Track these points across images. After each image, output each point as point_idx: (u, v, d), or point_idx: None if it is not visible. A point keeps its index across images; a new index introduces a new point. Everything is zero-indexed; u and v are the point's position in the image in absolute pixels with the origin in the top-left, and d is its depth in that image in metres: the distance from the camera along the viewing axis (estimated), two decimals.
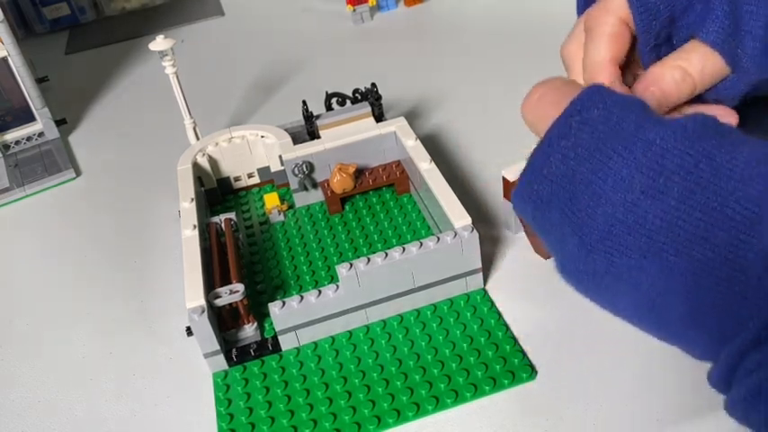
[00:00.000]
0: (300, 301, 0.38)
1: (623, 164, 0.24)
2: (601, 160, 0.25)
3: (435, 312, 0.40)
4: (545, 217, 0.27)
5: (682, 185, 0.24)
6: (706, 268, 0.23)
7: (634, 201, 0.24)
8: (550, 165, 0.26)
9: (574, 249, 0.25)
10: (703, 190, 0.24)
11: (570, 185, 0.26)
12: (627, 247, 0.24)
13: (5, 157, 0.64)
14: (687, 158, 0.24)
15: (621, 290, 0.25)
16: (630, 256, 0.24)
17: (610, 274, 0.25)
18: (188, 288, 0.38)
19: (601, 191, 0.25)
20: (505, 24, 0.75)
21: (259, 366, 0.39)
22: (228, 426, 0.36)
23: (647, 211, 0.24)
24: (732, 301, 0.23)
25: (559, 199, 0.26)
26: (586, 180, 0.25)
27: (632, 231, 0.24)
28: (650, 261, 0.24)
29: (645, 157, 0.24)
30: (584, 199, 0.25)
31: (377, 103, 0.52)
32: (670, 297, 0.24)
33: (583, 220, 0.25)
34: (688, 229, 0.23)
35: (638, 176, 0.24)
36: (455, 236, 0.39)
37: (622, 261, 0.24)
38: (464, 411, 0.35)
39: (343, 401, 0.36)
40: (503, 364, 0.36)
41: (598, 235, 0.24)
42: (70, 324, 0.45)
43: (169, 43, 0.51)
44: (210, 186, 0.52)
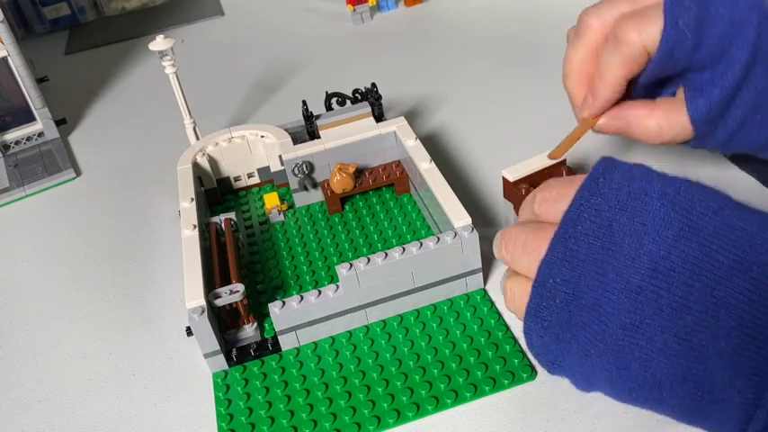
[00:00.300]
0: (300, 302, 0.38)
1: (659, 204, 0.24)
2: (636, 206, 0.25)
3: (435, 312, 0.40)
4: (583, 276, 0.25)
5: (713, 223, 0.24)
6: (747, 300, 0.23)
7: (674, 237, 0.24)
8: (584, 221, 0.26)
9: (619, 296, 0.24)
10: (731, 229, 0.23)
11: (608, 235, 0.25)
12: (673, 284, 0.24)
13: (5, 157, 0.64)
14: (712, 202, 0.24)
15: (662, 342, 0.24)
16: (675, 294, 0.24)
17: (654, 323, 0.24)
18: (188, 288, 0.38)
19: (641, 232, 0.24)
20: (506, 24, 0.75)
21: (259, 366, 0.39)
22: (228, 426, 0.36)
23: (687, 247, 0.24)
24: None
25: (597, 251, 0.25)
26: (624, 226, 0.25)
27: (675, 267, 0.24)
28: (695, 297, 0.23)
29: (677, 198, 0.24)
30: (626, 243, 0.25)
31: (377, 103, 0.52)
32: (714, 336, 0.23)
33: (628, 263, 0.24)
34: (725, 262, 0.23)
35: (675, 215, 0.24)
36: (455, 236, 0.39)
37: (668, 300, 0.24)
38: (464, 411, 0.35)
39: (343, 401, 0.36)
40: (503, 365, 0.36)
41: (645, 273, 0.24)
42: (70, 324, 0.45)
43: (169, 43, 0.51)
44: (210, 186, 0.52)
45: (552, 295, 0.26)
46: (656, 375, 0.24)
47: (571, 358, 0.27)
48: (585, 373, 0.27)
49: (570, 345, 0.26)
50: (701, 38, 0.30)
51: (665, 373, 0.24)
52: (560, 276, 0.26)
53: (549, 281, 0.26)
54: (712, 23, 0.30)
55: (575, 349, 0.26)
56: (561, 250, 0.26)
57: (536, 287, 0.27)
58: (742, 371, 0.22)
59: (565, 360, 0.27)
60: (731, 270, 0.23)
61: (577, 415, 0.33)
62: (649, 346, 0.24)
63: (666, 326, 0.23)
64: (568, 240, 0.26)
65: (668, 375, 0.24)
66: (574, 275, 0.25)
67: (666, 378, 0.24)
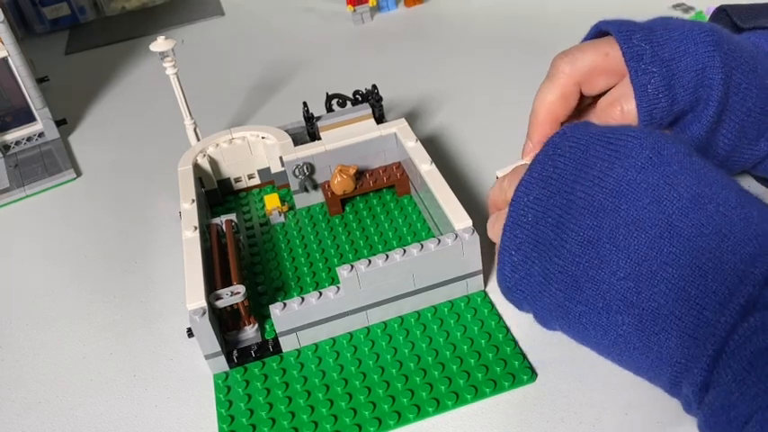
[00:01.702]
0: (301, 303, 0.38)
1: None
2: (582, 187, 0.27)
3: (436, 314, 0.40)
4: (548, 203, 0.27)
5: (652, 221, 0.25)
6: (697, 234, 0.24)
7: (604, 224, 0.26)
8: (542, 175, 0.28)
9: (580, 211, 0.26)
10: (696, 174, 0.26)
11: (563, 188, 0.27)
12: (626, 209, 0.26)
13: (5, 157, 0.64)
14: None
15: (615, 262, 0.25)
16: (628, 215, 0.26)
17: (606, 238, 0.25)
18: (189, 289, 0.38)
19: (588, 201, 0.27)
20: (506, 25, 0.75)
21: (260, 368, 0.39)
22: (229, 427, 0.36)
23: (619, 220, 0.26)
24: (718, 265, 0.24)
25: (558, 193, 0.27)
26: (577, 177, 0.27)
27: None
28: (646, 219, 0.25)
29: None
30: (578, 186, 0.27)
31: (377, 105, 0.52)
32: (661, 263, 0.24)
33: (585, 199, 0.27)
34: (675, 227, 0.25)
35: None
36: (456, 238, 0.39)
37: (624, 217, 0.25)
38: (464, 413, 0.35)
39: (344, 403, 0.36)
40: (503, 367, 0.36)
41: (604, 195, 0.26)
42: (70, 324, 0.45)
43: (170, 44, 0.51)
44: (211, 187, 0.52)
45: (525, 213, 0.28)
46: (605, 297, 0.25)
47: (533, 281, 0.28)
48: (542, 296, 0.28)
49: (534, 264, 0.28)
50: (674, 95, 0.33)
51: (614, 295, 0.25)
52: (534, 194, 0.28)
53: (523, 199, 0.28)
54: (680, 78, 0.33)
55: (536, 269, 0.27)
56: (538, 170, 0.28)
57: (512, 206, 0.28)
58: (685, 299, 0.24)
59: (527, 284, 0.28)
60: (690, 202, 0.24)
61: (577, 416, 0.33)
62: (602, 265, 0.25)
63: (621, 245, 0.25)
64: (546, 161, 0.28)
65: (616, 298, 0.25)
66: (545, 193, 0.27)
67: (614, 301, 0.25)
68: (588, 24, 0.37)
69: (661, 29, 0.34)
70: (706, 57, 0.32)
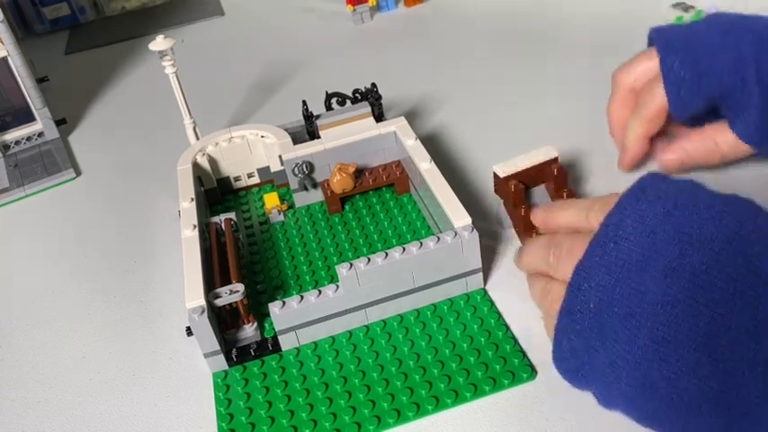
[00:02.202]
0: (300, 301, 0.38)
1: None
2: None
3: (435, 312, 0.40)
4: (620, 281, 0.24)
5: (726, 292, 0.22)
6: None
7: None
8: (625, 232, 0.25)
9: (647, 307, 0.23)
10: (744, 300, 0.22)
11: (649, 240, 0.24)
12: None
13: (5, 157, 0.64)
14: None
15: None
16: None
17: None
18: (188, 288, 0.38)
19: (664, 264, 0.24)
20: (505, 24, 0.75)
21: (259, 366, 0.39)
22: (228, 426, 0.36)
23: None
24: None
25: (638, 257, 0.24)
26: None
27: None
28: None
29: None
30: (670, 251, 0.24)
31: (377, 103, 0.52)
32: None
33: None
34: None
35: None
36: (455, 236, 0.39)
37: None
38: (464, 411, 0.35)
39: (343, 401, 0.36)
40: (503, 365, 0.36)
41: None
42: (70, 324, 0.45)
43: (169, 43, 0.51)
44: (210, 186, 0.52)
45: (586, 299, 0.25)
46: (683, 397, 0.23)
47: (597, 368, 0.26)
48: (609, 386, 0.26)
49: (598, 353, 0.25)
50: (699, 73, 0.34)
51: (694, 394, 0.22)
52: (595, 281, 0.25)
53: (584, 285, 0.25)
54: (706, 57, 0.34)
55: (602, 359, 0.25)
56: (600, 253, 0.25)
57: (570, 289, 0.26)
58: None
59: (590, 370, 0.26)
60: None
61: (577, 415, 0.33)
62: (680, 363, 0.22)
63: (701, 344, 0.22)
64: (608, 244, 0.25)
65: (696, 398, 0.22)
66: (610, 281, 0.24)
67: (694, 400, 0.22)
68: (588, 24, 0.39)
69: (702, 22, 0.36)
70: (735, 37, 0.33)
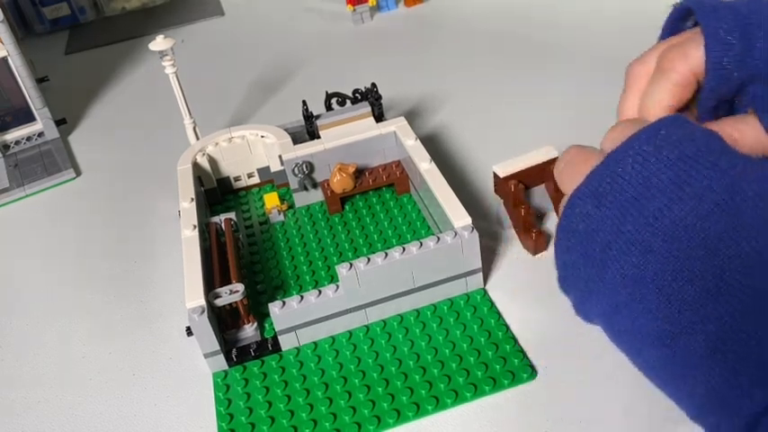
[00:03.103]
0: (300, 301, 0.38)
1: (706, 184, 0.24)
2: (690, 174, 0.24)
3: (435, 312, 0.40)
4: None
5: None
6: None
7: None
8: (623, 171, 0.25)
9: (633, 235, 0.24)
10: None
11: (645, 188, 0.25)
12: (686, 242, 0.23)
13: (5, 157, 0.64)
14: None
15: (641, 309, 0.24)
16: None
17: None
18: (188, 288, 0.38)
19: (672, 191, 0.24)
20: (505, 24, 0.75)
21: (259, 366, 0.39)
22: (228, 426, 0.36)
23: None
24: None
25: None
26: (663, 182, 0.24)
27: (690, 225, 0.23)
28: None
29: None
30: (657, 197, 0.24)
31: (377, 103, 0.52)
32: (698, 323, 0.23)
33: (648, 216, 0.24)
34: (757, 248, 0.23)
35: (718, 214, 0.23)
36: (455, 236, 0.39)
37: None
38: (464, 411, 0.35)
39: (343, 401, 0.36)
40: (503, 365, 0.36)
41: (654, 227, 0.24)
42: (70, 324, 0.45)
43: (169, 43, 0.51)
44: (210, 186, 0.52)
45: (576, 223, 0.26)
46: (640, 330, 0.24)
47: (576, 282, 0.27)
48: (584, 301, 0.27)
49: (579, 271, 0.27)
50: (749, 43, 0.30)
51: (648, 331, 0.24)
52: (585, 209, 0.26)
53: (575, 209, 0.26)
54: (758, 28, 0.30)
55: (582, 278, 0.27)
56: (595, 185, 0.26)
57: (566, 209, 0.27)
58: (720, 360, 0.22)
59: (571, 282, 0.28)
60: (754, 260, 0.22)
61: (578, 415, 0.33)
62: (641, 304, 0.24)
63: (663, 291, 0.23)
64: (605, 176, 0.25)
65: (650, 335, 0.24)
66: (596, 213, 0.25)
67: (648, 337, 0.24)
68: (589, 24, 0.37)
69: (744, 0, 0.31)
70: None
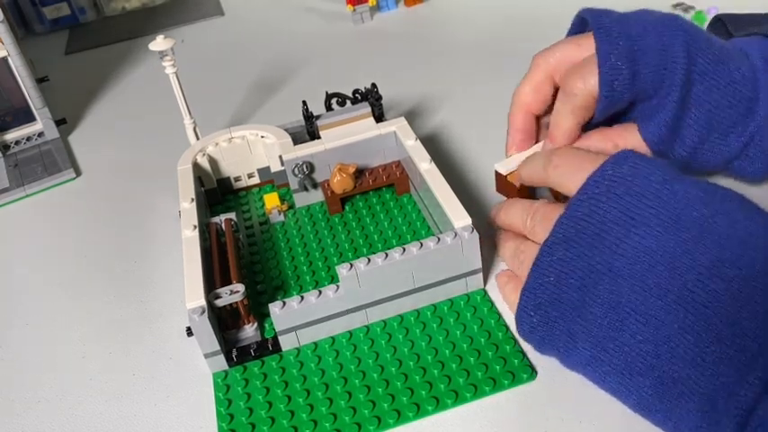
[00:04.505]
0: (301, 302, 0.38)
1: (648, 204, 0.26)
2: (630, 203, 0.27)
3: (435, 313, 0.40)
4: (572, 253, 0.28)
5: (697, 227, 0.25)
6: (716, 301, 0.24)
7: (658, 233, 0.26)
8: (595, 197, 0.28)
9: (603, 277, 0.26)
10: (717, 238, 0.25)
11: (599, 226, 0.27)
12: (650, 274, 0.25)
13: (5, 157, 0.64)
14: (704, 210, 0.26)
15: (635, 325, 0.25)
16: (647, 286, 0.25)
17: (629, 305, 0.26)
18: (188, 288, 0.38)
19: (629, 225, 0.27)
20: (506, 24, 0.75)
21: (259, 367, 0.39)
22: (229, 426, 0.36)
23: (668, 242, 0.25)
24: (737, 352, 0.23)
25: (589, 234, 0.27)
26: (616, 218, 0.27)
27: (656, 263, 0.25)
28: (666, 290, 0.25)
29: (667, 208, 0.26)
30: (613, 232, 0.27)
31: (377, 104, 0.52)
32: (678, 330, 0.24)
33: (613, 249, 0.26)
34: (702, 261, 0.25)
35: (663, 212, 0.26)
36: (455, 236, 0.39)
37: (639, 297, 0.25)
38: (464, 412, 0.35)
39: (344, 402, 0.36)
40: (503, 365, 0.36)
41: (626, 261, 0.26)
42: (70, 324, 0.45)
43: (169, 43, 0.51)
44: (210, 186, 0.52)
45: (548, 274, 0.28)
46: (627, 359, 0.26)
47: (557, 337, 0.29)
48: (569, 352, 0.29)
49: (557, 323, 0.28)
50: (636, 68, 0.33)
51: (635, 357, 0.25)
52: (556, 255, 0.28)
53: (547, 259, 0.28)
54: (643, 54, 0.33)
55: (561, 327, 0.28)
56: (562, 232, 0.28)
57: (535, 267, 0.29)
58: (702, 365, 0.24)
59: (552, 339, 0.29)
60: (708, 269, 0.24)
61: (578, 415, 0.33)
62: (624, 328, 0.26)
63: (640, 310, 0.25)
64: (569, 225, 0.28)
65: (638, 360, 0.25)
66: (567, 255, 0.28)
67: (636, 363, 0.25)
68: None
69: (633, 15, 0.35)
70: (670, 39, 0.33)
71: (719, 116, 0.35)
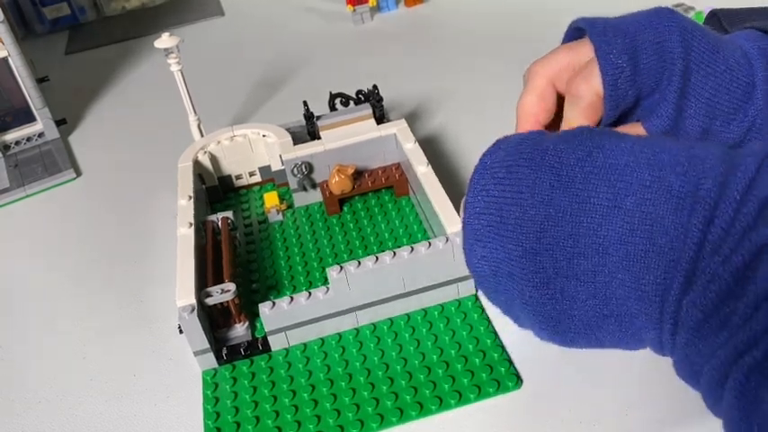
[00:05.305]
0: (290, 303, 0.38)
1: (529, 171, 0.27)
2: (511, 177, 0.28)
3: (426, 317, 0.40)
4: (491, 250, 0.28)
5: (582, 172, 0.26)
6: (627, 231, 0.25)
7: (548, 196, 0.26)
8: (478, 201, 0.28)
9: (521, 261, 0.27)
10: (600, 170, 0.26)
11: (496, 210, 0.28)
12: (561, 238, 0.26)
13: (6, 157, 0.64)
14: (579, 152, 0.27)
15: (573, 289, 0.26)
16: (565, 245, 0.26)
17: (558, 275, 0.26)
18: (179, 286, 0.38)
19: (520, 199, 0.27)
20: (506, 24, 0.74)
21: (248, 366, 0.39)
22: (215, 423, 0.36)
23: (562, 200, 0.26)
24: (654, 254, 0.24)
25: (494, 225, 0.28)
26: (506, 198, 0.28)
27: (558, 222, 0.26)
28: (582, 243, 0.26)
29: (543, 161, 0.27)
30: (511, 213, 0.27)
31: (378, 105, 0.52)
32: (611, 272, 0.25)
33: (517, 230, 0.27)
34: (600, 203, 0.25)
35: (544, 176, 0.27)
36: (447, 241, 0.39)
37: (561, 252, 0.26)
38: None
39: (329, 404, 0.36)
40: (489, 372, 0.36)
41: (533, 236, 0.27)
42: (70, 324, 0.45)
43: (174, 41, 0.51)
44: (212, 184, 0.53)
45: (481, 267, 0.29)
46: (582, 320, 0.27)
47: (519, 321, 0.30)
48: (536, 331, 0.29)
49: (512, 310, 0.29)
50: (636, 63, 0.34)
51: (588, 316, 0.26)
52: (478, 253, 0.29)
53: (473, 260, 0.29)
54: (642, 48, 0.34)
55: (517, 313, 0.29)
56: (469, 230, 0.29)
57: (466, 262, 0.29)
58: (644, 296, 0.25)
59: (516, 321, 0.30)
60: (607, 209, 0.25)
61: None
62: (563, 296, 0.26)
63: (570, 275, 0.26)
64: (472, 221, 0.28)
65: (592, 318, 0.26)
66: (486, 251, 0.28)
67: (592, 320, 0.26)
68: None
69: (626, 15, 0.36)
70: (665, 31, 0.34)
71: (719, 103, 0.35)
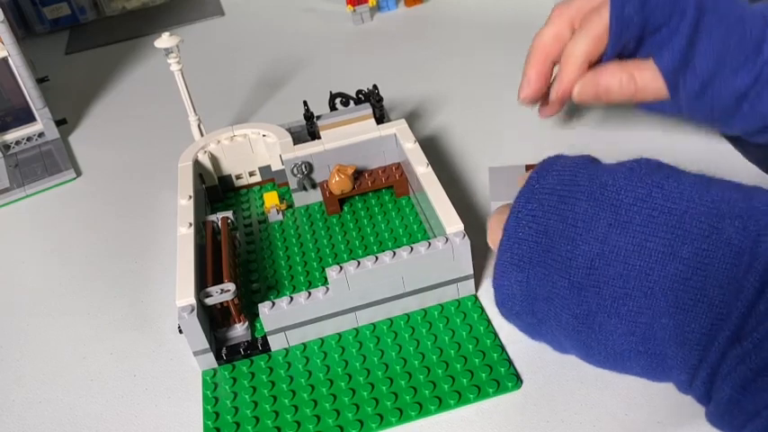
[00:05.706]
0: (290, 303, 0.38)
1: (587, 206, 0.26)
2: (566, 209, 0.27)
3: (425, 317, 0.40)
4: (531, 277, 0.28)
5: (641, 213, 0.25)
6: (680, 279, 0.24)
7: (604, 234, 0.26)
8: (523, 227, 0.28)
9: (565, 292, 0.27)
10: (660, 214, 0.25)
11: (545, 239, 0.27)
12: (610, 277, 0.26)
13: (5, 157, 0.64)
14: (640, 190, 0.26)
15: (613, 325, 0.26)
16: (614, 285, 0.25)
17: (601, 310, 0.26)
18: (179, 286, 0.38)
19: (573, 233, 0.26)
20: (506, 24, 0.74)
21: (248, 366, 0.39)
22: (214, 424, 0.36)
23: (618, 240, 0.25)
24: (705, 305, 0.24)
25: (539, 254, 0.27)
26: (558, 229, 0.27)
27: (610, 261, 0.25)
28: (632, 285, 0.25)
29: (603, 196, 0.26)
30: (562, 245, 0.27)
31: (378, 105, 0.52)
32: (656, 315, 0.25)
33: (566, 263, 0.26)
34: (656, 248, 0.25)
35: (602, 213, 0.26)
36: (446, 241, 0.39)
37: (608, 291, 0.25)
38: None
39: (328, 404, 0.36)
40: (488, 373, 0.36)
41: (583, 272, 0.26)
42: (70, 324, 0.45)
43: (174, 40, 0.51)
44: (212, 184, 0.53)
45: (512, 290, 0.29)
46: (615, 351, 0.26)
47: (543, 337, 0.30)
48: (559, 346, 0.30)
49: (539, 327, 0.29)
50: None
51: (622, 349, 0.26)
52: (513, 278, 0.28)
53: (504, 282, 0.29)
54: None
55: (544, 330, 0.29)
56: (509, 255, 0.28)
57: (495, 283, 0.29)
58: (685, 342, 0.24)
59: (538, 336, 0.30)
60: (663, 255, 0.24)
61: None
62: (602, 329, 0.26)
63: (613, 312, 0.25)
64: (512, 246, 0.28)
65: (625, 351, 0.26)
66: (523, 276, 0.28)
67: (625, 353, 0.26)
68: None
69: None
70: None
71: (730, 49, 0.35)
